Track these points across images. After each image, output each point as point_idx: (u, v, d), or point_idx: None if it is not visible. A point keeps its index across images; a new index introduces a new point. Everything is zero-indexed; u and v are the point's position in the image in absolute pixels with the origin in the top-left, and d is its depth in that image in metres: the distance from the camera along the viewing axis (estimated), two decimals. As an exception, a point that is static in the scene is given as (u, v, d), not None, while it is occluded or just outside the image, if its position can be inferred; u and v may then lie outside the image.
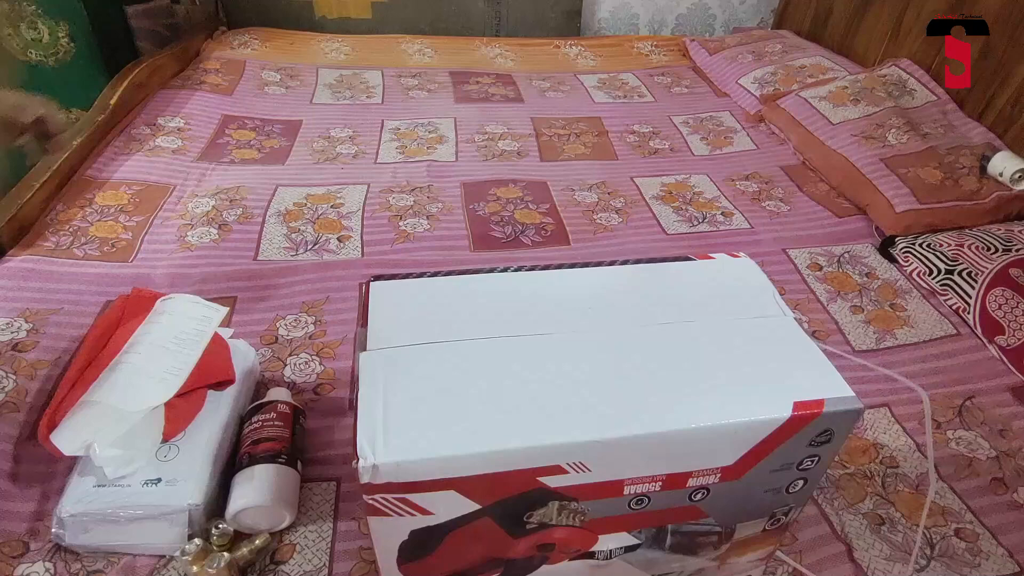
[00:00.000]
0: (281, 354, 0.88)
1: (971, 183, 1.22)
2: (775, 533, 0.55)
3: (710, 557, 0.55)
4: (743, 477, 0.47)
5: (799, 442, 0.46)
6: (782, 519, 0.53)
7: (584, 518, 0.47)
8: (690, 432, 0.43)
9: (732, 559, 0.56)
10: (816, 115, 1.46)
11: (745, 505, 0.51)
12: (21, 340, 0.85)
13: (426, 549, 0.47)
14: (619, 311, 0.51)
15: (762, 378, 0.46)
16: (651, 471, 0.45)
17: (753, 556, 0.57)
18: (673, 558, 0.54)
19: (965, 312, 1.00)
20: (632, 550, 0.51)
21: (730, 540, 0.53)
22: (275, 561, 0.64)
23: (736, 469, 0.46)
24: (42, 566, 0.62)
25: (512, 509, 0.45)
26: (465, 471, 0.41)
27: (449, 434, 0.41)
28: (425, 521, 0.44)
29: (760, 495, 0.50)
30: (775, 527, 0.54)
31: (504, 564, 0.50)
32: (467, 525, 0.45)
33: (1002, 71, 1.33)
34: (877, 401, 0.86)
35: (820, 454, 0.48)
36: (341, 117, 1.53)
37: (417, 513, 0.44)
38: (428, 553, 0.47)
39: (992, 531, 0.71)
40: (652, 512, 0.48)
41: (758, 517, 0.52)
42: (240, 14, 1.99)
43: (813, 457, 0.48)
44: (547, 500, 0.45)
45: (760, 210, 1.27)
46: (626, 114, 1.63)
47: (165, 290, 0.92)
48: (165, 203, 1.16)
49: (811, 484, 0.51)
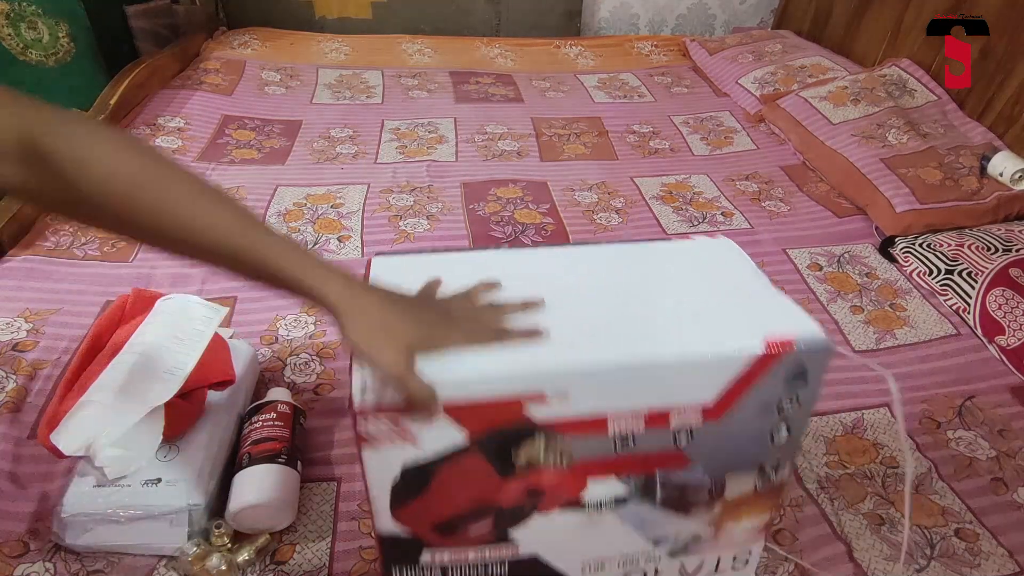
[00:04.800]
0: (281, 354, 0.88)
1: (971, 183, 1.22)
2: (768, 496, 0.54)
3: (705, 520, 0.54)
4: (724, 418, 0.48)
5: (774, 381, 0.47)
6: (772, 477, 0.53)
7: (570, 458, 0.48)
8: (666, 361, 0.46)
9: (728, 526, 0.55)
10: (816, 115, 1.46)
11: (731, 452, 0.51)
12: (21, 340, 0.85)
13: (417, 489, 0.47)
14: (602, 273, 0.55)
15: (736, 318, 0.49)
16: (632, 404, 0.46)
17: (749, 524, 0.56)
18: (667, 518, 0.53)
19: (965, 312, 1.00)
20: (622, 503, 0.51)
21: (721, 497, 0.53)
22: (275, 561, 0.64)
23: (716, 409, 0.48)
24: (42, 566, 0.62)
25: (499, 443, 0.46)
26: (452, 394, 0.43)
27: (437, 359, 0.44)
28: (415, 455, 0.45)
29: (745, 442, 0.50)
30: (767, 488, 0.53)
31: (495, 511, 0.50)
32: (456, 462, 0.46)
33: (1002, 71, 1.33)
34: (877, 401, 0.86)
35: (798, 396, 0.49)
36: (341, 117, 1.53)
37: (406, 442, 0.45)
38: (419, 494, 0.48)
39: (992, 531, 0.71)
40: (638, 455, 0.49)
41: (745, 468, 0.52)
42: (240, 14, 1.99)
43: (791, 399, 0.49)
44: (532, 434, 0.46)
45: (760, 210, 1.27)
46: (626, 114, 1.63)
47: (165, 290, 0.92)
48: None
49: (795, 436, 0.51)
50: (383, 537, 0.50)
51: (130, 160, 0.44)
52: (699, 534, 0.55)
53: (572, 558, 0.54)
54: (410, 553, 0.51)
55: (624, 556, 0.55)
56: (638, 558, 0.55)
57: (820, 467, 0.77)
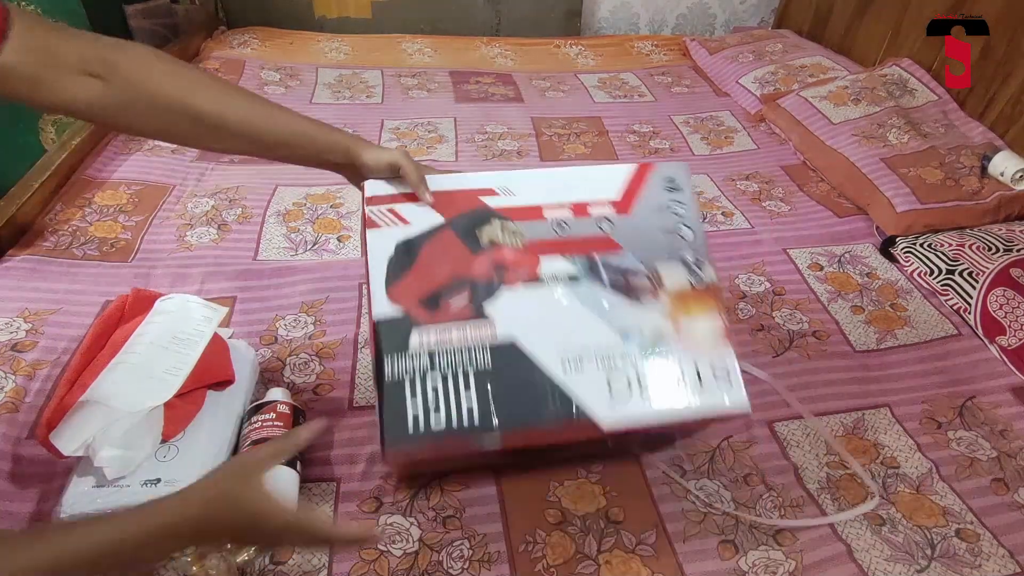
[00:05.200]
0: (281, 354, 0.88)
1: (972, 183, 1.22)
2: (707, 294, 0.65)
3: (659, 312, 0.63)
4: (631, 213, 0.67)
5: (656, 185, 0.69)
6: (699, 273, 0.66)
7: (523, 239, 0.64)
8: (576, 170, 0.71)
9: (683, 321, 0.64)
10: (816, 115, 1.45)
11: (650, 242, 0.66)
12: (20, 340, 0.85)
13: (407, 263, 0.62)
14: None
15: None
16: (558, 200, 0.67)
17: (704, 321, 0.64)
18: (621, 304, 0.63)
19: (966, 312, 1.00)
20: (575, 281, 0.64)
21: (662, 286, 0.64)
22: (275, 561, 0.64)
23: (622, 203, 0.68)
24: (41, 567, 0.62)
25: (467, 223, 0.65)
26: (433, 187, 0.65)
27: None
28: (406, 232, 0.64)
29: (657, 235, 0.67)
30: (701, 284, 0.65)
31: (470, 284, 0.62)
32: (436, 238, 0.64)
33: (1002, 71, 1.33)
34: (878, 401, 0.86)
35: (680, 200, 0.69)
36: (341, 117, 1.53)
37: (400, 223, 0.64)
38: (408, 268, 0.62)
39: (993, 532, 0.71)
40: (574, 238, 0.65)
41: (669, 258, 0.66)
42: (239, 14, 1.99)
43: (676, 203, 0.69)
44: (490, 218, 0.65)
45: (760, 210, 1.27)
46: (626, 114, 1.63)
47: (164, 290, 0.92)
48: (164, 203, 1.16)
49: (698, 235, 0.68)
50: (378, 323, 0.60)
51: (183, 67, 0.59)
52: (660, 328, 0.63)
53: (549, 349, 0.60)
54: (401, 335, 0.59)
55: (599, 352, 0.61)
56: (614, 356, 0.61)
57: (820, 467, 0.77)
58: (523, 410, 0.58)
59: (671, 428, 0.73)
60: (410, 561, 0.65)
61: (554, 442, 0.62)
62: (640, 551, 0.67)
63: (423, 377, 0.58)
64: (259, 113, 0.60)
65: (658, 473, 0.75)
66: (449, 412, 0.57)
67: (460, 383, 0.58)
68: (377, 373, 0.58)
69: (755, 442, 0.80)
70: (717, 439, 0.80)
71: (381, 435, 0.56)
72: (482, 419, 0.57)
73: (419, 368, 0.58)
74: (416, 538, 0.67)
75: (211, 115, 0.57)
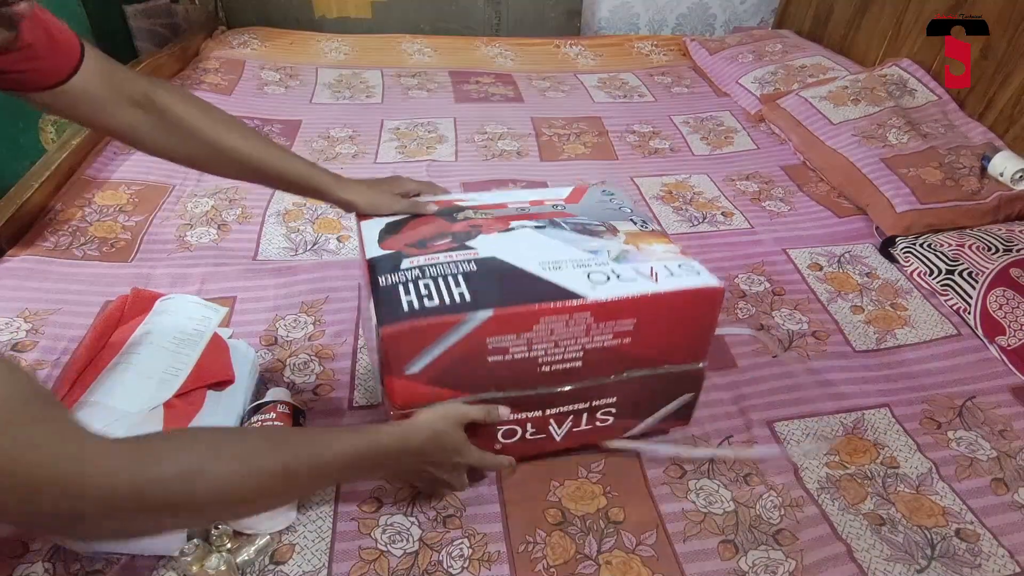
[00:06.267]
0: (280, 354, 0.88)
1: (972, 183, 1.22)
2: (655, 233, 0.73)
3: (620, 241, 0.70)
4: (580, 204, 0.79)
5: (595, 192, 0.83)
6: (645, 224, 0.75)
7: (492, 215, 0.75)
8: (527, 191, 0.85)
9: (643, 245, 0.70)
10: (816, 115, 1.45)
11: (598, 213, 0.76)
12: (20, 340, 0.85)
13: (396, 229, 0.71)
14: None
15: None
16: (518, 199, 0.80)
17: (661, 245, 0.71)
18: (584, 238, 0.70)
19: (966, 312, 1.00)
20: (542, 228, 0.72)
21: (616, 232, 0.72)
22: (275, 561, 0.64)
23: (571, 199, 0.81)
24: (41, 567, 0.62)
25: (444, 211, 0.75)
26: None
27: None
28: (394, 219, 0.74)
29: (603, 211, 0.77)
30: (648, 229, 0.74)
31: (451, 234, 0.70)
32: (419, 218, 0.74)
33: (1002, 71, 1.33)
34: (878, 401, 0.86)
35: (617, 198, 0.81)
36: (341, 117, 1.53)
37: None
38: (397, 232, 0.71)
39: (993, 532, 0.71)
40: (536, 213, 0.75)
41: (618, 219, 0.75)
42: (239, 13, 1.99)
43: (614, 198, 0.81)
44: (464, 208, 0.77)
45: (760, 210, 1.27)
46: (626, 114, 1.63)
47: (164, 290, 0.92)
48: (164, 203, 1.16)
49: (637, 210, 0.78)
50: (371, 260, 0.66)
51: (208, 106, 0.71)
52: (624, 248, 0.69)
53: (529, 260, 0.65)
54: (393, 262, 0.65)
55: (574, 261, 0.65)
56: (588, 263, 0.65)
57: (820, 468, 0.77)
58: (511, 293, 0.61)
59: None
60: (410, 561, 0.65)
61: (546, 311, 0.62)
62: (640, 551, 0.67)
63: (415, 281, 0.62)
64: (261, 149, 0.71)
65: (659, 473, 0.75)
66: (442, 298, 0.60)
67: (451, 282, 0.62)
68: (374, 296, 0.61)
69: (755, 442, 0.80)
70: (718, 439, 0.80)
71: (377, 324, 0.58)
72: (473, 299, 0.60)
73: (411, 276, 0.63)
74: (416, 538, 0.67)
75: (228, 148, 0.69)
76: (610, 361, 0.66)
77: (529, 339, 0.61)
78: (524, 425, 0.67)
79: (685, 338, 0.68)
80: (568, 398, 0.67)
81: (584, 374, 0.66)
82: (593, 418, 0.70)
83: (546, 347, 0.62)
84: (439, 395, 0.62)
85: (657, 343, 0.66)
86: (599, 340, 0.64)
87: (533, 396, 0.65)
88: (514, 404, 0.65)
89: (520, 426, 0.67)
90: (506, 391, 0.64)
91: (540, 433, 0.68)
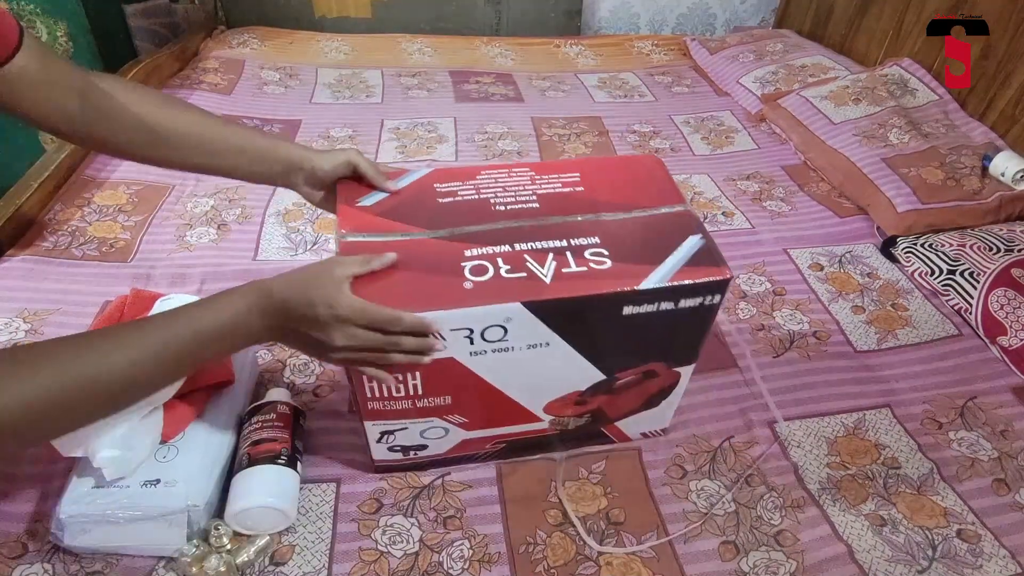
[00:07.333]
0: (281, 355, 0.87)
1: (973, 183, 1.21)
2: None
3: None
4: None
5: None
6: None
7: None
8: None
9: None
10: (817, 115, 1.45)
11: None
12: (20, 340, 0.85)
13: None
14: None
15: None
16: None
17: None
18: None
19: (967, 312, 1.00)
20: None
21: None
22: (274, 562, 0.64)
23: None
24: (40, 567, 0.62)
25: None
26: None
27: None
28: None
29: None
30: None
31: None
32: None
33: (1003, 71, 1.33)
34: (879, 402, 0.86)
35: None
36: (341, 117, 1.53)
37: None
38: None
39: (994, 532, 0.71)
40: None
41: None
42: (239, 13, 1.99)
43: None
44: None
45: (761, 210, 1.27)
46: (627, 113, 1.63)
47: (164, 290, 0.91)
48: (164, 203, 1.16)
49: None
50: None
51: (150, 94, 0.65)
52: None
53: None
54: None
55: None
56: None
57: (821, 468, 0.77)
58: None
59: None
60: (410, 562, 0.65)
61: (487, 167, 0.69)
62: (640, 552, 0.67)
63: None
64: (210, 124, 0.66)
65: (660, 474, 0.75)
66: None
67: None
68: None
69: (756, 442, 0.80)
70: (718, 439, 0.80)
71: None
72: None
73: None
74: (416, 539, 0.67)
75: (165, 126, 0.63)
76: (570, 203, 0.66)
77: (476, 185, 0.68)
78: (495, 261, 0.58)
79: (641, 184, 0.70)
80: (537, 234, 0.62)
81: (545, 212, 0.65)
82: (583, 259, 0.60)
83: (495, 191, 0.67)
84: (391, 227, 0.62)
85: (612, 189, 0.69)
86: (548, 188, 0.68)
87: (492, 230, 0.62)
88: (474, 239, 0.61)
89: (490, 262, 0.58)
90: (458, 226, 0.62)
91: (519, 271, 0.58)
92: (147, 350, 0.51)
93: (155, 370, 0.52)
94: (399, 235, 0.61)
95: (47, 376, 0.46)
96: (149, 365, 0.51)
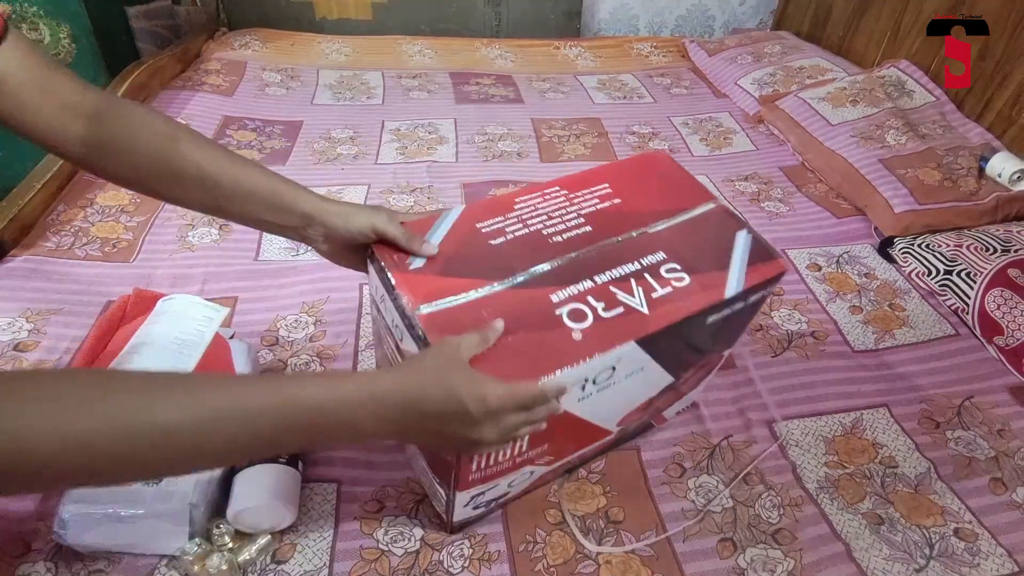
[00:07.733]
0: (282, 355, 0.88)
1: (970, 184, 1.22)
2: None
3: None
4: None
5: None
6: None
7: None
8: None
9: None
10: (815, 116, 1.46)
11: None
12: (22, 340, 0.85)
13: None
14: None
15: None
16: None
17: None
18: None
19: (964, 312, 1.00)
20: None
21: None
22: (276, 561, 0.64)
23: None
24: (43, 565, 0.62)
25: None
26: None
27: None
28: None
29: None
30: None
31: None
32: None
33: (1001, 71, 1.34)
34: (877, 401, 0.87)
35: None
36: (341, 118, 1.54)
37: None
38: None
39: (991, 531, 0.72)
40: None
41: None
42: (241, 15, 2.00)
43: None
44: None
45: (759, 210, 1.27)
46: (626, 115, 1.64)
47: (166, 290, 0.92)
48: (166, 203, 1.16)
49: None
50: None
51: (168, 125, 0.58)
52: None
53: None
54: None
55: None
56: None
57: (819, 467, 0.78)
58: None
59: None
60: (411, 560, 0.65)
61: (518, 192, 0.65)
62: (640, 551, 0.68)
63: None
64: (227, 164, 0.58)
65: (659, 472, 0.76)
66: None
67: None
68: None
69: (754, 442, 0.80)
70: (718, 438, 0.80)
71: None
72: None
73: None
74: (417, 537, 0.67)
75: (180, 165, 0.56)
76: (617, 220, 0.63)
77: (518, 217, 0.62)
78: (586, 301, 0.55)
79: (667, 186, 0.69)
80: (608, 262, 0.59)
81: (600, 235, 0.62)
82: (663, 279, 0.58)
83: (541, 220, 0.62)
84: (459, 286, 0.55)
85: (645, 196, 0.67)
86: (588, 206, 0.65)
87: (562, 266, 0.58)
88: (550, 281, 0.57)
89: (583, 303, 0.55)
90: (527, 269, 0.57)
91: (615, 307, 0.55)
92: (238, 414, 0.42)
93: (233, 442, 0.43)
94: (473, 293, 0.55)
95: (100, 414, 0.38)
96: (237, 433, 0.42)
